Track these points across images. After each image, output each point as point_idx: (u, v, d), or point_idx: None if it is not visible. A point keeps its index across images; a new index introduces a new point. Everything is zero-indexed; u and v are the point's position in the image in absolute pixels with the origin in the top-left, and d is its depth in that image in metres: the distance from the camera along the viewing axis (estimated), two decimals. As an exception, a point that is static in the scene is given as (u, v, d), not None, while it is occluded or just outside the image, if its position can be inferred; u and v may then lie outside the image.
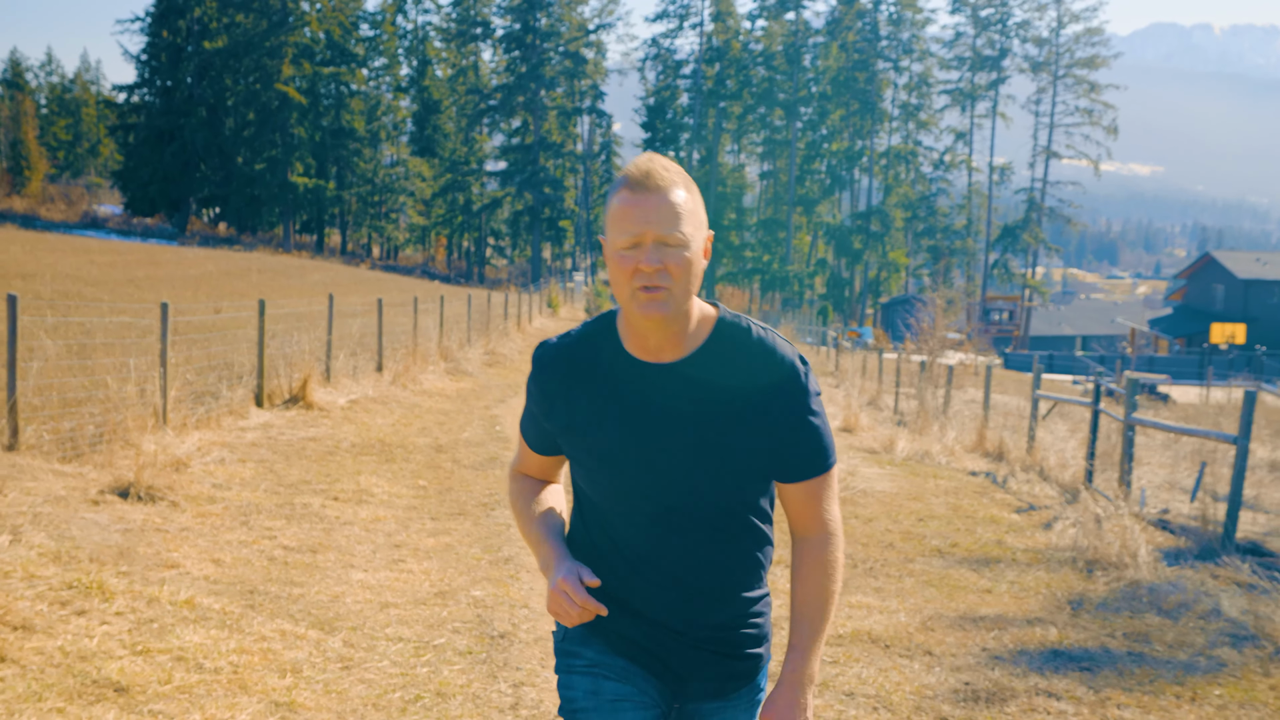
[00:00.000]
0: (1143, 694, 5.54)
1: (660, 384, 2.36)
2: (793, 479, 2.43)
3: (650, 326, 2.32)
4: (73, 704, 4.33)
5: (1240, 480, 10.11)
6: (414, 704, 4.84)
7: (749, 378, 2.36)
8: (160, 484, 8.94)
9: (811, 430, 2.41)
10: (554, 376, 2.45)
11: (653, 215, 2.25)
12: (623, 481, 2.38)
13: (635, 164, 2.34)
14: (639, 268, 2.25)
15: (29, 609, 5.26)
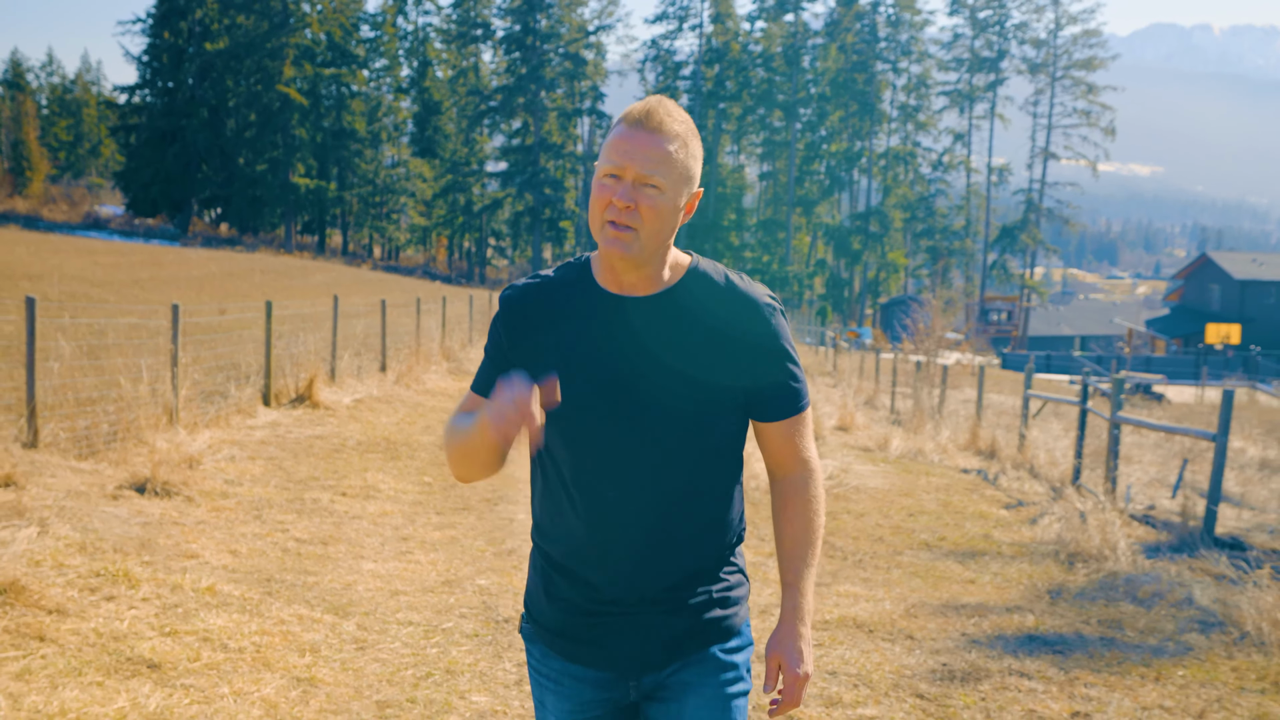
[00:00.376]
0: (1110, 674, 5.88)
1: (631, 316, 2.35)
2: (770, 418, 2.43)
3: (615, 263, 2.31)
4: (110, 678, 4.67)
5: (1219, 476, 10.45)
6: (425, 680, 5.18)
7: (721, 314, 2.36)
8: (175, 480, 9.27)
9: (786, 369, 2.42)
10: (525, 312, 2.42)
11: (638, 153, 2.25)
12: (592, 420, 2.32)
13: (643, 101, 2.33)
14: (612, 199, 2.25)
15: (61, 595, 5.60)
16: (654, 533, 2.35)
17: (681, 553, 2.38)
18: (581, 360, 2.33)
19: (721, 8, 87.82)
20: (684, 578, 2.40)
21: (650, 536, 2.35)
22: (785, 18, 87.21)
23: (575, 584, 2.41)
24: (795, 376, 2.43)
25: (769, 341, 2.37)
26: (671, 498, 2.35)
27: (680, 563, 2.38)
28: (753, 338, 2.35)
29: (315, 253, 75.64)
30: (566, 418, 2.30)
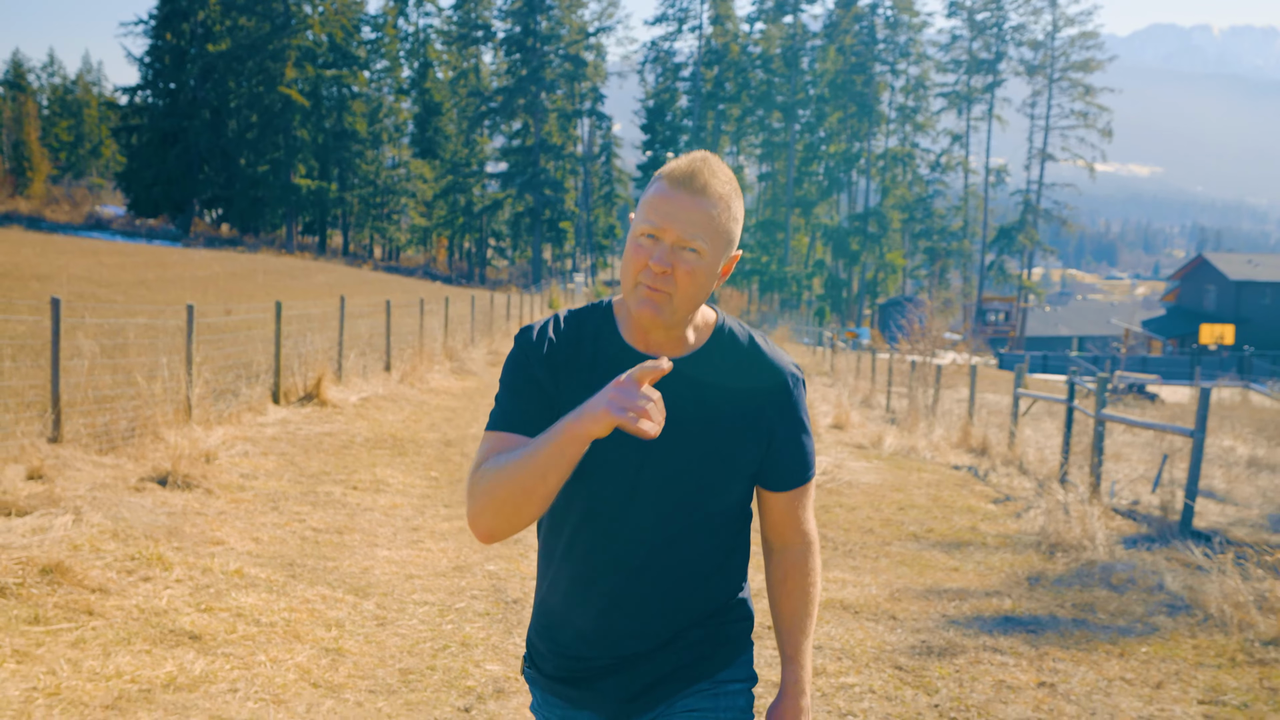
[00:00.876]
0: (1078, 651, 6.31)
1: (660, 380, 2.27)
2: (777, 487, 2.40)
3: (645, 323, 2.25)
4: (157, 647, 5.10)
5: (1196, 470, 10.87)
6: (443, 651, 5.62)
7: (747, 381, 2.33)
8: (195, 473, 9.68)
9: (801, 440, 2.40)
10: (544, 348, 2.33)
11: (680, 215, 2.18)
12: (606, 480, 2.28)
13: (687, 158, 2.25)
14: (649, 264, 2.18)
15: (101, 575, 6.03)
16: (660, 592, 2.33)
17: (685, 608, 2.37)
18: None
19: (721, 9, 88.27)
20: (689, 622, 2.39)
21: (656, 596, 2.33)
22: (784, 19, 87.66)
23: (579, 641, 2.38)
24: (807, 449, 2.41)
25: (789, 414, 2.37)
26: (680, 558, 2.33)
27: (682, 617, 2.37)
28: (774, 409, 2.34)
29: (316, 253, 76.03)
30: (579, 475, 2.26)
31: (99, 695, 4.47)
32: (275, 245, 74.03)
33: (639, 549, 2.30)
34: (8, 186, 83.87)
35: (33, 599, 5.46)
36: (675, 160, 2.24)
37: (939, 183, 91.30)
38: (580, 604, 2.35)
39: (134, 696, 4.51)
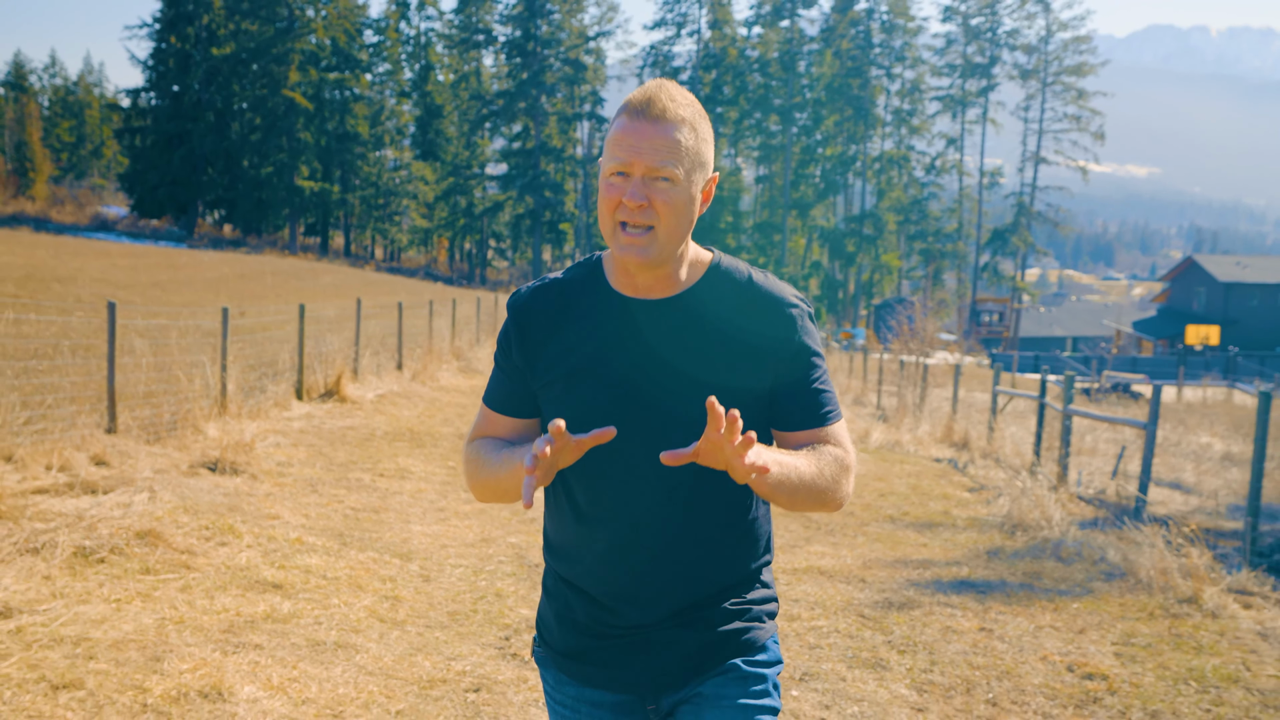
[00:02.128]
0: (1018, 606, 7.37)
1: (648, 320, 2.23)
2: (793, 427, 2.26)
3: (632, 266, 2.17)
4: (248, 593, 6.18)
5: (1149, 459, 11.94)
6: (480, 600, 6.69)
7: (742, 316, 2.23)
8: (240, 460, 10.72)
9: (810, 375, 2.26)
10: (533, 316, 2.30)
11: (645, 145, 2.10)
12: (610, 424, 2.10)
13: (643, 88, 2.16)
14: (623, 200, 2.11)
15: (185, 541, 7.09)
16: (673, 550, 2.24)
17: (703, 571, 2.27)
18: (595, 368, 2.22)
19: (719, 14, 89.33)
20: (706, 596, 2.29)
21: (669, 554, 2.24)
22: (781, 24, 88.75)
23: (590, 606, 2.32)
24: (821, 383, 2.27)
25: (793, 344, 2.24)
26: (692, 512, 2.24)
27: (702, 581, 2.28)
28: (775, 340, 2.22)
29: (319, 254, 77.02)
30: (586, 427, 2.14)
31: (215, 624, 5.54)
32: (278, 246, 75.00)
33: (645, 501, 2.21)
34: (11, 187, 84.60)
35: (137, 556, 6.54)
36: (631, 93, 2.16)
37: (934, 185, 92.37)
38: (589, 566, 2.29)
39: (241, 625, 5.58)
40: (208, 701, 4.47)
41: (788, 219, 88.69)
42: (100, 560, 6.30)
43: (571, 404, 2.23)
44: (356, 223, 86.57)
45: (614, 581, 2.27)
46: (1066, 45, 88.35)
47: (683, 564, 2.25)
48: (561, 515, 2.35)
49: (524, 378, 2.32)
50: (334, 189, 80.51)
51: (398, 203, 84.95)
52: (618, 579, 2.27)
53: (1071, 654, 6.25)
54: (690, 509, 2.24)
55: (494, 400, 2.38)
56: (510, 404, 2.36)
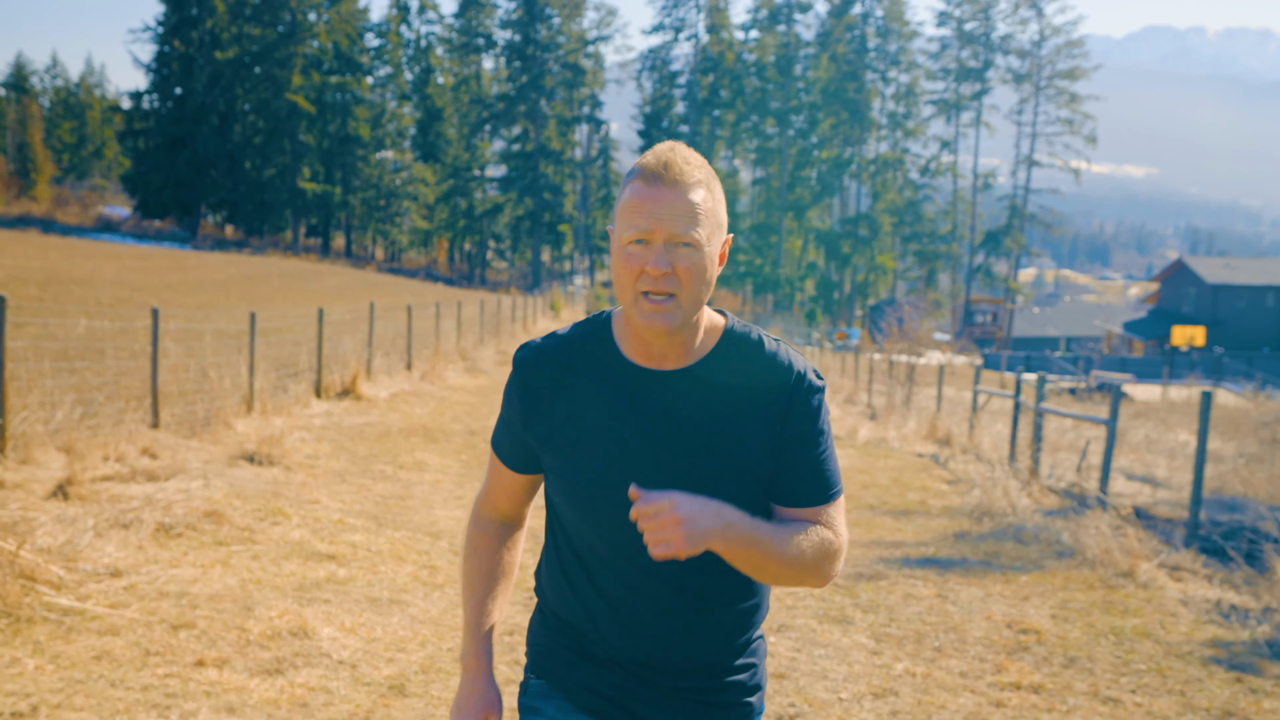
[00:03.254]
0: (974, 578, 8.39)
1: (659, 391, 2.20)
2: (794, 504, 2.22)
3: (652, 335, 2.14)
4: (309, 561, 7.20)
5: (1110, 452, 12.96)
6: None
7: (757, 385, 2.20)
8: (274, 453, 11.72)
9: (817, 452, 2.22)
10: (540, 378, 2.27)
11: (666, 212, 2.07)
12: (610, 499, 2.18)
13: (654, 152, 2.15)
14: (645, 269, 2.08)
15: (243, 520, 8.10)
16: (674, 619, 2.24)
17: (702, 642, 2.27)
18: (602, 438, 2.20)
19: (716, 19, 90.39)
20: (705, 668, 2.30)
21: (670, 623, 2.24)
22: (778, 28, 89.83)
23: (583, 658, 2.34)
24: (824, 463, 2.24)
25: (803, 421, 2.20)
26: (696, 582, 2.23)
27: (699, 653, 2.28)
28: (785, 414, 2.19)
29: (321, 255, 77.98)
30: (584, 496, 2.21)
31: (287, 584, 6.57)
32: (280, 247, 75.96)
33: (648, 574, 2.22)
34: (14, 188, 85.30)
35: (208, 532, 7.56)
36: (642, 157, 2.15)
37: (928, 187, 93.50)
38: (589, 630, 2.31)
39: (309, 586, 6.61)
40: (297, 639, 5.50)
41: (784, 220, 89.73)
42: (178, 534, 7.32)
43: (576, 472, 2.22)
44: (358, 224, 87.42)
45: (608, 642, 2.28)
46: (1059, 50, 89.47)
47: (680, 633, 2.24)
48: (560, 570, 2.35)
49: (525, 438, 2.31)
50: (335, 191, 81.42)
51: (398, 204, 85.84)
52: (613, 640, 2.27)
53: (1013, 615, 7.27)
54: (695, 580, 2.22)
55: (502, 451, 2.39)
56: (516, 459, 2.37)
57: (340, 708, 4.76)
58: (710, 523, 2.02)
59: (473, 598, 2.41)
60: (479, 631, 2.38)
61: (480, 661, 2.37)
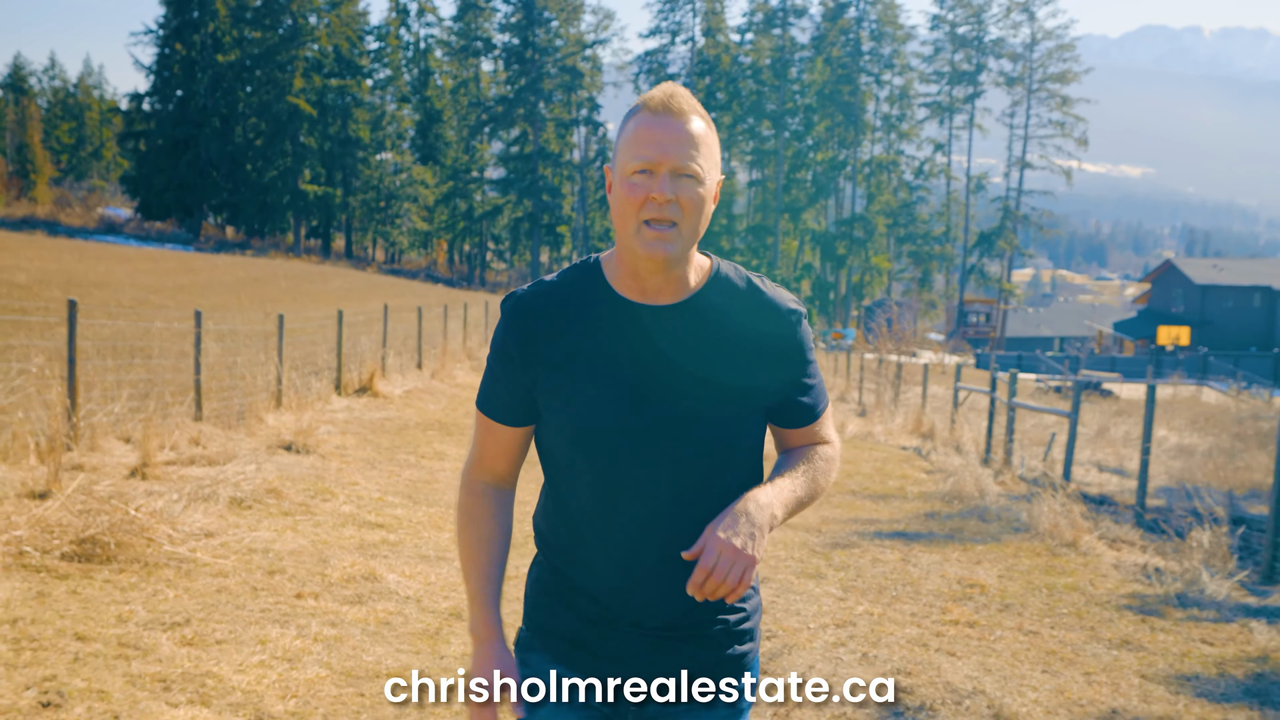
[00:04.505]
0: (935, 547, 9.59)
1: (656, 326, 2.25)
2: (790, 425, 2.38)
3: (651, 267, 2.20)
4: (362, 529, 8.40)
5: (1072, 444, 14.20)
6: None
7: (748, 322, 2.28)
8: (308, 443, 12.89)
9: (807, 378, 2.36)
10: (533, 320, 2.29)
11: (671, 142, 2.15)
12: (614, 436, 2.23)
13: (658, 89, 2.23)
14: (650, 196, 2.14)
15: (297, 498, 9.28)
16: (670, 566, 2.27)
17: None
18: (602, 373, 2.24)
19: (713, 22, 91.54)
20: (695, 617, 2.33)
21: (674, 558, 2.26)
22: (774, 31, 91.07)
23: (589, 601, 2.35)
24: (815, 384, 2.38)
25: (793, 350, 2.33)
26: (697, 514, 2.27)
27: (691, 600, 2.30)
28: (777, 346, 2.30)
29: (321, 256, 79.01)
30: (586, 433, 2.25)
31: (349, 544, 7.79)
32: (282, 249, 76.98)
33: (652, 505, 2.26)
34: (14, 189, 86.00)
35: (272, 505, 8.75)
36: (647, 93, 2.22)
37: (922, 189, 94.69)
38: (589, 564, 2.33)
39: (368, 546, 7.82)
40: (368, 582, 6.71)
41: (780, 222, 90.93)
42: (249, 507, 8.51)
43: (578, 408, 2.25)
44: (358, 225, 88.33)
45: (614, 581, 2.30)
46: (1051, 53, 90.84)
47: (680, 573, 2.26)
48: (562, 511, 2.37)
49: (523, 382, 2.31)
50: (336, 193, 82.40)
51: (398, 206, 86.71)
52: (618, 579, 2.30)
53: (964, 574, 8.47)
54: (698, 512, 2.26)
55: (492, 408, 2.39)
56: (509, 411, 2.36)
57: (415, 625, 5.96)
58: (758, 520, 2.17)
59: (475, 567, 2.39)
60: (485, 599, 2.36)
61: (491, 629, 2.35)
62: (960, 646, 6.36)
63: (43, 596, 5.66)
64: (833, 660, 5.90)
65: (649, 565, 2.29)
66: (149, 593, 5.98)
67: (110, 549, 6.29)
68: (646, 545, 2.28)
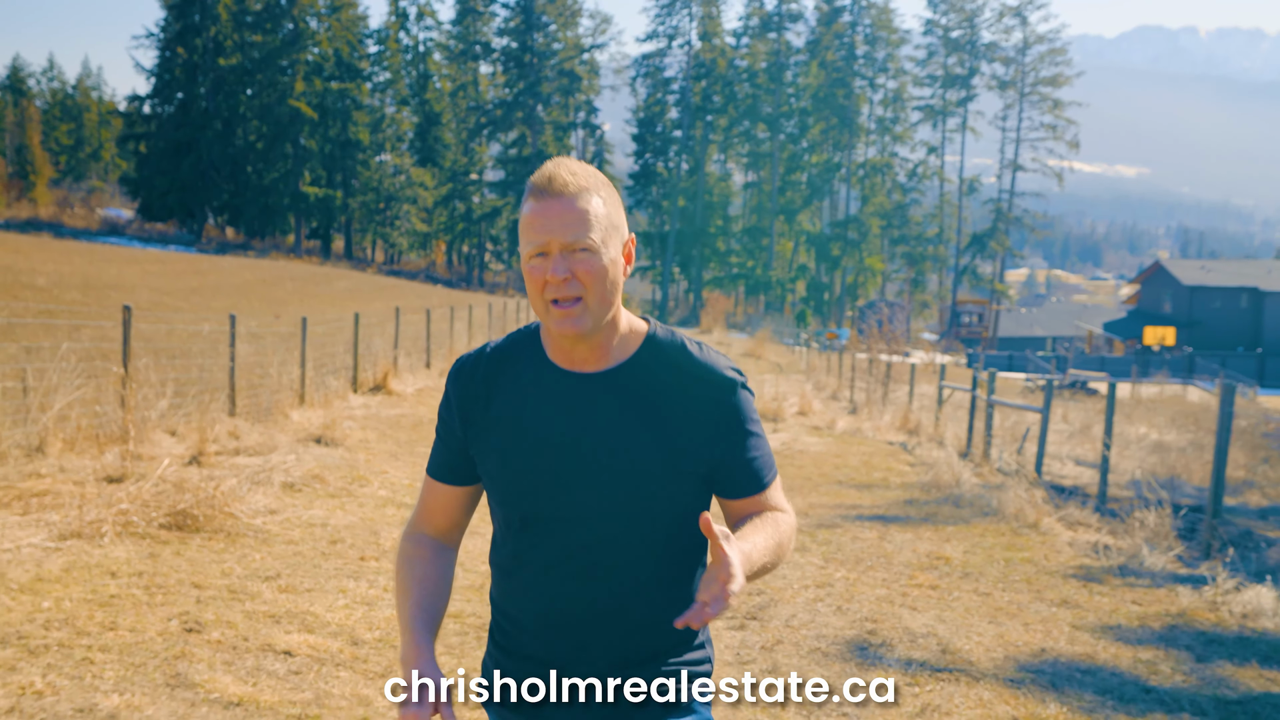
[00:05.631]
0: (910, 527, 10.66)
1: (583, 394, 2.28)
2: (734, 495, 2.34)
3: (567, 342, 2.26)
4: (401, 509, 9.46)
5: (1044, 437, 15.28)
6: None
7: (678, 390, 2.28)
8: (336, 436, 13.93)
9: (748, 447, 2.32)
10: (473, 384, 2.36)
11: (555, 223, 2.17)
12: (543, 502, 2.26)
13: (541, 169, 2.22)
14: (547, 279, 2.17)
15: (338, 484, 10.35)
16: (610, 615, 2.29)
17: (641, 634, 2.32)
18: (530, 438, 2.27)
19: (709, 27, 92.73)
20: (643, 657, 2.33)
21: (606, 619, 2.29)
22: (769, 36, 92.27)
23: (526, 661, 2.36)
24: (758, 456, 2.34)
25: (727, 418, 2.29)
26: (628, 577, 2.29)
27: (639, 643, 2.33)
28: (709, 414, 2.28)
29: (322, 257, 79.97)
30: (518, 502, 2.29)
31: (395, 520, 8.86)
32: (283, 250, 78.03)
33: (579, 561, 2.28)
34: (14, 190, 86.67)
35: (317, 488, 9.83)
36: (533, 175, 2.24)
37: (916, 191, 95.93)
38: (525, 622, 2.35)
39: (407, 523, 8.90)
40: (415, 550, 7.80)
41: (775, 223, 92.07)
42: (299, 490, 9.59)
43: (505, 476, 2.30)
44: (358, 227, 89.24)
45: (549, 649, 2.32)
46: (1043, 57, 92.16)
47: (618, 627, 2.30)
48: (503, 565, 2.40)
49: (459, 443, 2.39)
50: (337, 195, 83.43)
51: (398, 207, 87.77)
52: (551, 637, 2.31)
53: (933, 550, 9.55)
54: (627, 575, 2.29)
55: (435, 469, 2.46)
56: (450, 472, 2.44)
57: (462, 582, 7.03)
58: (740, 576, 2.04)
59: (408, 599, 2.35)
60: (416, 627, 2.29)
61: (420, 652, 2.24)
62: (921, 603, 7.44)
63: (154, 557, 6.76)
64: (812, 611, 6.97)
65: (582, 628, 2.30)
66: (239, 555, 7.07)
67: (199, 521, 7.39)
68: (578, 610, 2.30)
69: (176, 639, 5.31)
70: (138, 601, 5.85)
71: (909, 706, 5.29)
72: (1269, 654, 6.48)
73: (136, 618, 5.58)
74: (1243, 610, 7.45)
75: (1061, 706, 5.38)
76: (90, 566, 6.44)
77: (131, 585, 6.12)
